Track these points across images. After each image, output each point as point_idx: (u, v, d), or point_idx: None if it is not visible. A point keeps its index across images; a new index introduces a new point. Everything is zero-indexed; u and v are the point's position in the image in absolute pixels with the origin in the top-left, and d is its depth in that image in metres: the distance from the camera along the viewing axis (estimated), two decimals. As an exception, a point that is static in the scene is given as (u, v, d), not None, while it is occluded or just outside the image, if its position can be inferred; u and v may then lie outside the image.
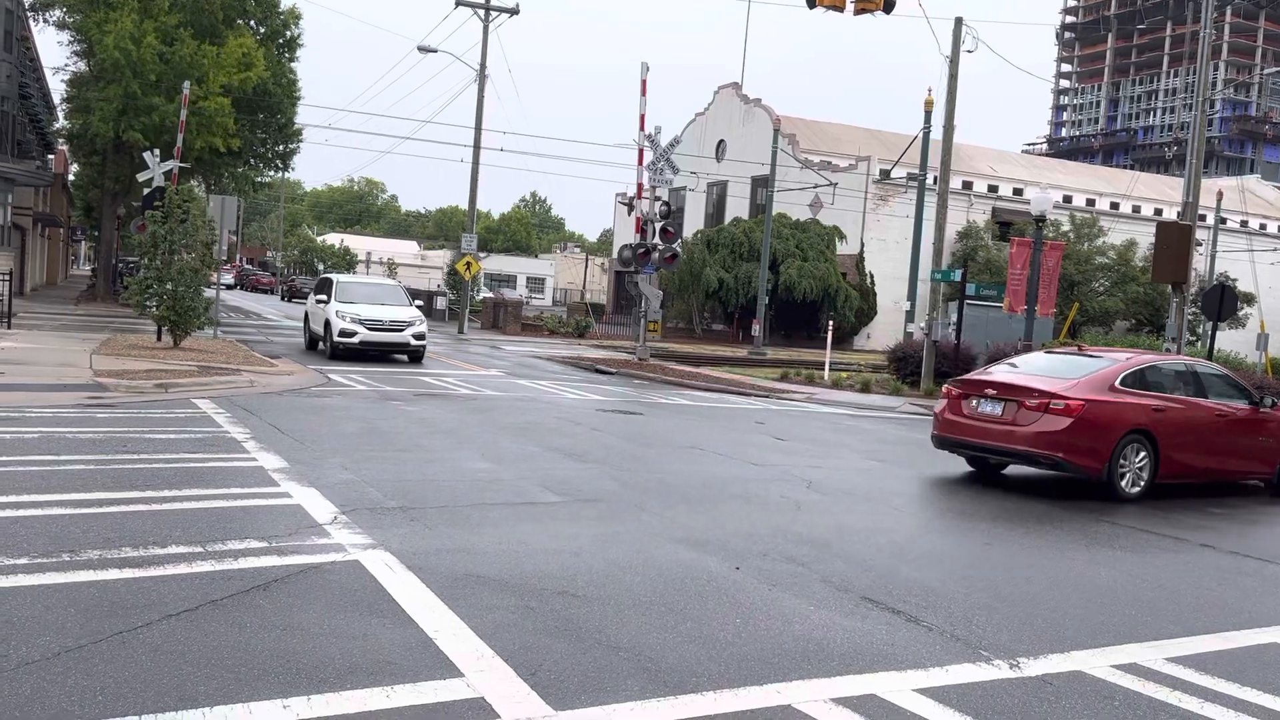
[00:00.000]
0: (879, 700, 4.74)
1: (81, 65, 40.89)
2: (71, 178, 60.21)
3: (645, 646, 5.19)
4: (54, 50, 63.71)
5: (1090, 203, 62.95)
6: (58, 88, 45.68)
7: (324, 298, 23.47)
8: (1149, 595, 7.07)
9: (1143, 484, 10.96)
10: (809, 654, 5.28)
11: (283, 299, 60.95)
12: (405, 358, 23.18)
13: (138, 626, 4.88)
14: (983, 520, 9.42)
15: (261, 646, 4.77)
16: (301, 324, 26.69)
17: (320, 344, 23.72)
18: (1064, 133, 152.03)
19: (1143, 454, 10.94)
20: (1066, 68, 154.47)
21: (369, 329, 22.21)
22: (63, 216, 62.51)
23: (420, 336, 23.01)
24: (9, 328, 22.80)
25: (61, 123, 46.35)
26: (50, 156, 54.79)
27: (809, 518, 8.81)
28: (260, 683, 4.36)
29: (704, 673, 4.90)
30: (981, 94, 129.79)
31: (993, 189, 62.42)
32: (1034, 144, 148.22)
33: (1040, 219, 21.32)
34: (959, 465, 13.34)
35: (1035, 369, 11.93)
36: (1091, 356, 12.21)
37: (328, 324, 22.77)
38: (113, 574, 5.65)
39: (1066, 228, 50.98)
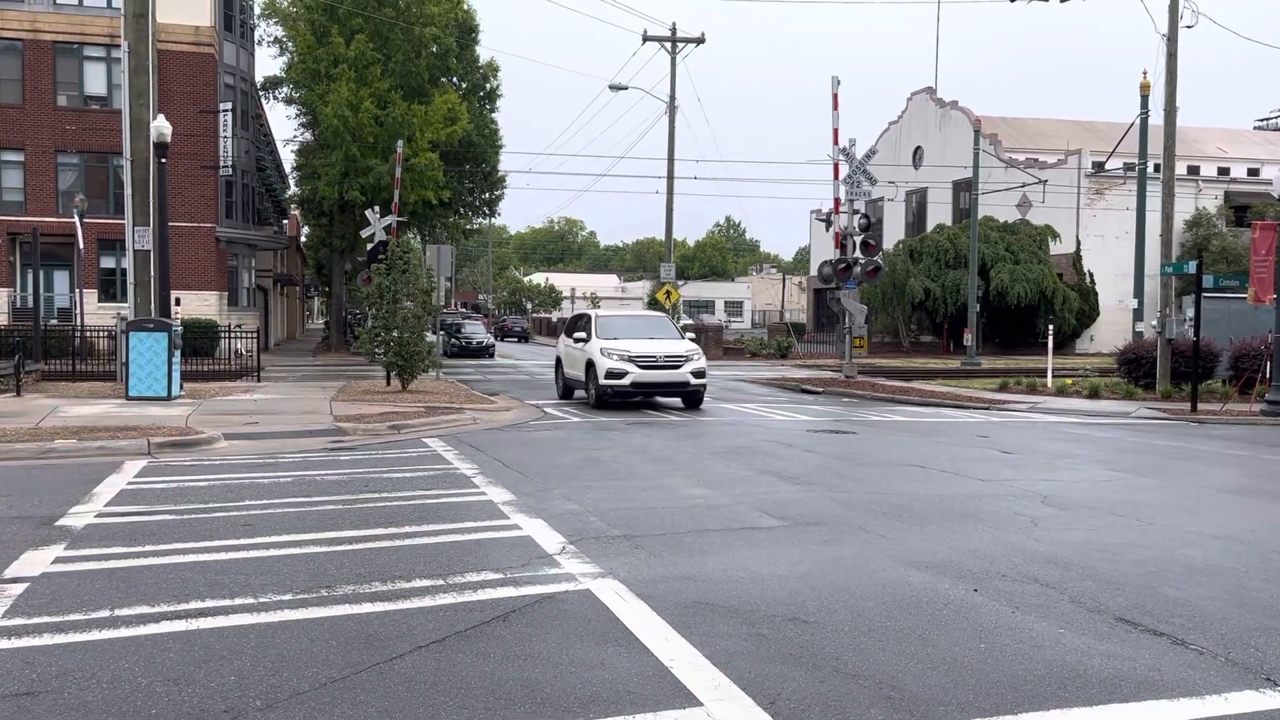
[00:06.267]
0: (1150, 732, 4.37)
1: (307, 135, 44.53)
2: (303, 239, 65.50)
3: (885, 674, 5.01)
4: (283, 123, 70.31)
5: (1341, 176, 57.03)
6: (288, 158, 49.95)
7: (583, 335, 20.53)
8: None
9: None
10: (1065, 680, 4.95)
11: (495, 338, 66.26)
12: (680, 401, 20.14)
13: (392, 658, 5.14)
14: (1246, 533, 8.60)
15: (506, 676, 4.92)
16: (553, 368, 23.57)
17: (579, 391, 21.01)
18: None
19: None
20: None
21: (641, 367, 19.10)
22: (298, 275, 68.03)
23: (700, 374, 19.53)
24: (258, 380, 24.91)
25: (293, 189, 50.51)
26: (285, 221, 59.80)
27: (1048, 534, 8.31)
28: (508, 711, 4.49)
29: (951, 701, 4.67)
30: (1201, 70, 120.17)
31: (1223, 171, 57.74)
32: (1268, 119, 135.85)
33: (1285, 199, 19.47)
34: (1213, 474, 12.31)
35: None
36: None
37: (590, 366, 19.76)
38: (366, 607, 5.99)
39: (1314, 206, 46.35)
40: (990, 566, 7.18)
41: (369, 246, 29.40)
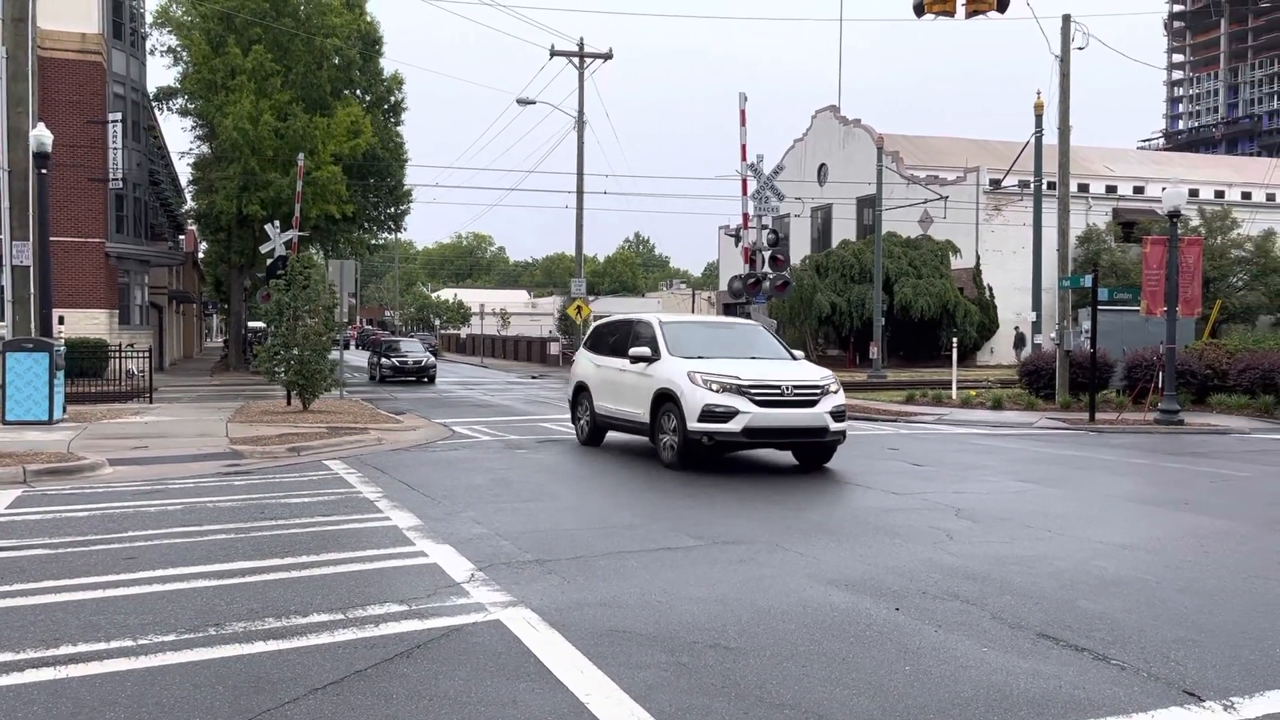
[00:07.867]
0: (1082, 755, 4.25)
1: (204, 148, 43.05)
2: (201, 255, 63.36)
3: (812, 702, 4.81)
4: (179, 136, 68.28)
5: (1219, 194, 59.95)
6: (184, 171, 48.24)
7: (645, 353, 13.90)
8: (1366, 617, 6.32)
9: None
10: (992, 702, 4.81)
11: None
12: (791, 453, 13.86)
13: (285, 703, 4.75)
14: (1153, 542, 8.71)
15: (410, 719, 4.57)
16: (568, 403, 16.85)
17: (618, 432, 15.17)
18: (1181, 125, 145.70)
19: None
20: (1179, 58, 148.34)
21: (759, 403, 12.43)
22: (195, 292, 65.75)
23: (840, 416, 12.95)
24: (151, 403, 23.79)
25: (189, 204, 48.80)
26: (181, 237, 57.69)
27: (964, 549, 8.27)
28: (412, 760, 4.15)
29: (879, 730, 4.49)
30: (1088, 93, 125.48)
31: (1111, 189, 60.06)
32: (1150, 139, 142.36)
33: (1174, 214, 20.17)
34: (1117, 484, 12.54)
35: None
36: None
37: (665, 399, 13.12)
38: (258, 647, 5.56)
39: (1196, 222, 48.51)
40: (910, 584, 7.08)
41: (269, 262, 28.45)
